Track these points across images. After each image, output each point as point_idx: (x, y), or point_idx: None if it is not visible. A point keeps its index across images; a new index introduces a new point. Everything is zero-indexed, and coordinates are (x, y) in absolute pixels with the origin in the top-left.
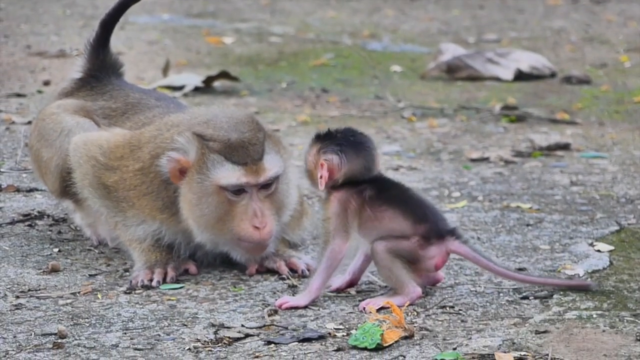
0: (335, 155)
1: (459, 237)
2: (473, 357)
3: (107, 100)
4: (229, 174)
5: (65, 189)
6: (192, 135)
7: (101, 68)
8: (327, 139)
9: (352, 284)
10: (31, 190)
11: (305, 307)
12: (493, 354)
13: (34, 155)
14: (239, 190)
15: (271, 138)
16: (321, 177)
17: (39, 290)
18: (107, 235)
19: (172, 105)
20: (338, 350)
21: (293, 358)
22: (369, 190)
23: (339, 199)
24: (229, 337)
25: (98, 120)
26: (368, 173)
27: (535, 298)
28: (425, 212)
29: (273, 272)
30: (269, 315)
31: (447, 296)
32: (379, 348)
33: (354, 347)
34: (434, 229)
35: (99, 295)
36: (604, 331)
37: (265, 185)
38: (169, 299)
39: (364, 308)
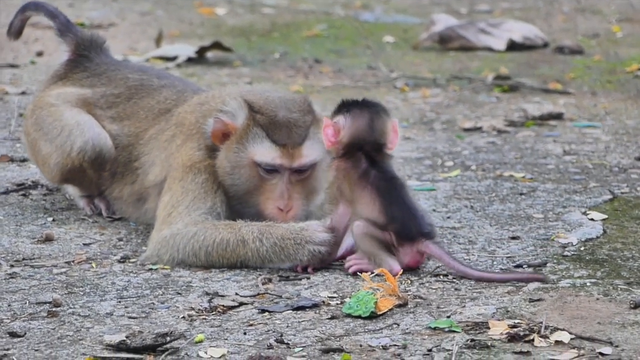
0: (340, 116)
1: (430, 237)
2: (467, 325)
3: (106, 85)
4: (265, 152)
5: (66, 180)
6: (243, 101)
7: (85, 47)
8: (338, 108)
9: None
10: (25, 160)
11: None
12: (487, 322)
13: (30, 142)
14: (271, 170)
15: (319, 124)
16: (326, 137)
17: (34, 259)
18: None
19: (176, 82)
20: (332, 318)
21: (287, 326)
22: (366, 164)
23: (337, 168)
24: (223, 306)
25: (101, 114)
26: (374, 135)
27: (529, 266)
28: (401, 212)
29: None
30: (263, 284)
31: (440, 265)
32: (372, 316)
33: (348, 315)
34: (405, 232)
35: (93, 264)
36: (597, 299)
37: (300, 170)
38: (163, 268)
39: (349, 268)
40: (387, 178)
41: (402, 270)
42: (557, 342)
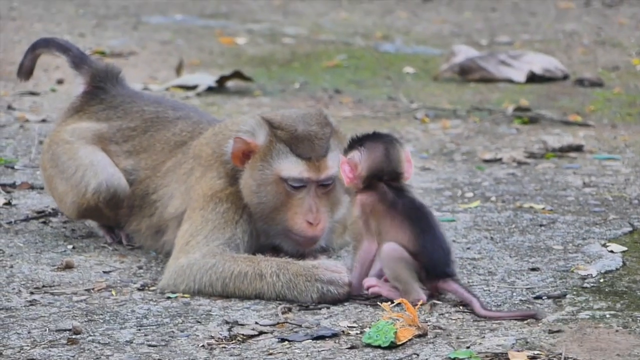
0: (355, 151)
1: (452, 276)
2: (486, 356)
3: (122, 119)
4: (292, 167)
5: (84, 217)
6: (262, 119)
7: (101, 78)
8: (349, 145)
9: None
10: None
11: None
12: (506, 353)
13: (46, 178)
14: (298, 184)
15: (337, 135)
16: (344, 175)
17: (53, 286)
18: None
19: (192, 113)
20: (352, 348)
21: (307, 356)
22: (392, 194)
23: (362, 202)
24: (242, 334)
25: (117, 149)
26: (392, 165)
27: (549, 298)
28: (432, 244)
29: None
30: (283, 313)
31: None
32: (392, 346)
33: (368, 345)
34: (432, 268)
35: (113, 292)
36: (617, 331)
37: (325, 183)
38: (183, 296)
39: (369, 287)
40: (417, 206)
41: (426, 299)
42: None
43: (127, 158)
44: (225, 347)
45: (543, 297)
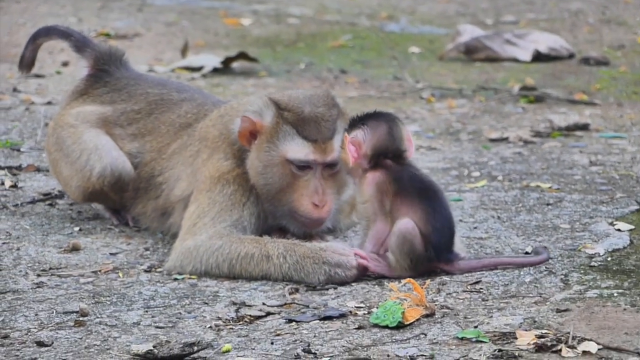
0: (358, 130)
1: (454, 259)
2: (494, 335)
3: (126, 102)
4: (298, 149)
5: (89, 200)
6: (269, 100)
7: (105, 61)
8: (351, 124)
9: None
10: None
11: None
12: (514, 332)
13: (52, 161)
14: (304, 166)
15: (344, 116)
16: (350, 154)
17: (60, 268)
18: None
19: (196, 94)
20: (359, 328)
21: (314, 336)
22: (403, 171)
23: (375, 181)
24: (250, 315)
25: (121, 132)
26: (396, 143)
27: (556, 277)
28: (442, 225)
29: None
30: (290, 294)
31: (467, 275)
32: (400, 326)
33: (375, 325)
34: (436, 251)
35: (120, 274)
36: (624, 309)
37: (331, 164)
38: (190, 278)
39: (357, 255)
40: (427, 184)
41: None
42: (585, 353)
43: (132, 141)
44: (232, 328)
45: (550, 276)
